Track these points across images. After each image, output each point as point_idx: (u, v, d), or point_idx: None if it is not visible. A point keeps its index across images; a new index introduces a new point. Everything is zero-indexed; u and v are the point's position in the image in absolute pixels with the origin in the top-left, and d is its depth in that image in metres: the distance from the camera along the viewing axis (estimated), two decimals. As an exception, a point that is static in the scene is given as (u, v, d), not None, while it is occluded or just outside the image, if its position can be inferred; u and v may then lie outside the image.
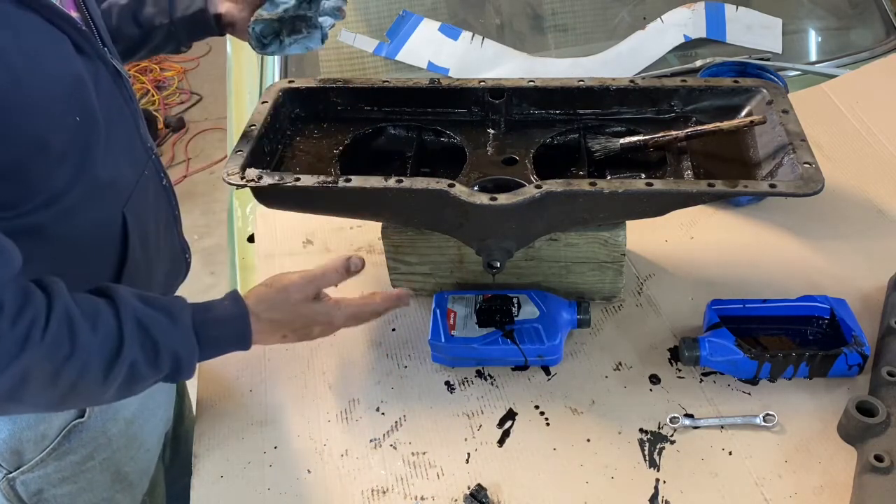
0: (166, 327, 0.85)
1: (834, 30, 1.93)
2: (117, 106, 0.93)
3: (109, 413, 1.05)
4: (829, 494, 0.95)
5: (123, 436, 1.08)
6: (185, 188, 3.53)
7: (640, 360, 1.14)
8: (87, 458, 1.05)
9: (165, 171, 1.06)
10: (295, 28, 1.17)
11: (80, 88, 0.83)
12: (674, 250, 1.33)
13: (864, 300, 1.19)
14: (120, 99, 0.93)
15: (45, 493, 1.05)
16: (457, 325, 1.14)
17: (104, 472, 1.08)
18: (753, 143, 1.13)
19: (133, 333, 0.81)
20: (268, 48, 1.17)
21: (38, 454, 1.01)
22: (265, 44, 1.16)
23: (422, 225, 1.15)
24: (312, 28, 1.17)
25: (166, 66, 4.41)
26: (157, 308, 0.85)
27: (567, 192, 1.01)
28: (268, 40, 1.16)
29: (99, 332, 0.79)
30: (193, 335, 0.87)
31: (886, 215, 1.37)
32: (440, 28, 1.78)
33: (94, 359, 0.79)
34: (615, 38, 1.80)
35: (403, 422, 1.09)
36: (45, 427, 1.00)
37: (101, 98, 0.87)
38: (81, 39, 0.84)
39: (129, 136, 0.97)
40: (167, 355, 0.85)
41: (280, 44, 1.17)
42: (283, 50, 1.17)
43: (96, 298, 0.82)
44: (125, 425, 1.08)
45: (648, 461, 1.01)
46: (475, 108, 1.23)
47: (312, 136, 1.23)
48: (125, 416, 1.07)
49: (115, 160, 0.91)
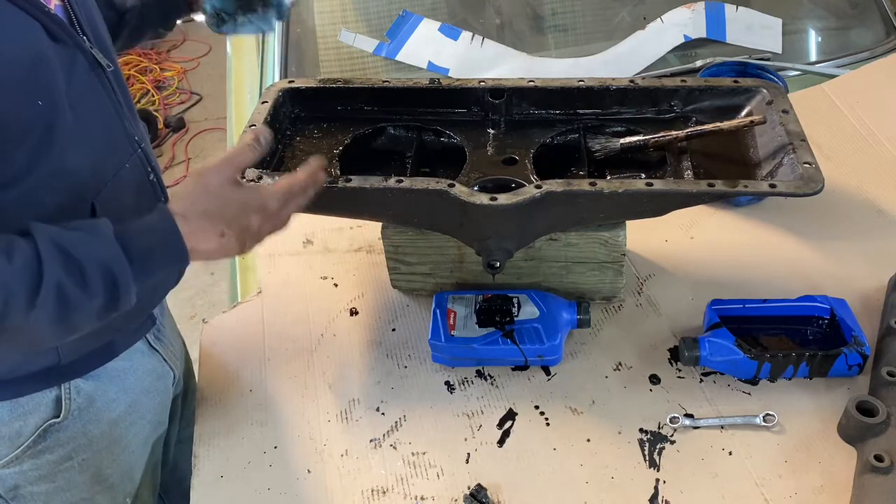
0: (86, 241, 0.79)
1: (834, 30, 1.93)
2: (94, 95, 0.92)
3: (91, 414, 1.04)
4: (829, 494, 0.95)
5: (106, 437, 1.07)
6: (185, 188, 3.52)
7: (640, 360, 1.14)
8: (65, 458, 1.04)
9: (155, 166, 1.04)
10: (251, 5, 1.12)
11: (44, 73, 0.82)
12: (674, 250, 1.33)
13: (864, 300, 1.19)
14: (99, 88, 0.92)
15: (21, 489, 1.04)
16: (457, 325, 1.14)
17: (83, 473, 1.07)
18: (753, 143, 1.13)
19: (51, 254, 0.77)
20: (223, 26, 1.13)
21: (13, 451, 1.00)
22: (223, 20, 1.12)
23: (422, 225, 1.15)
24: (268, 7, 1.13)
25: (166, 66, 4.41)
26: (74, 228, 0.81)
27: (567, 192, 1.01)
28: (227, 17, 1.12)
29: (15, 261, 0.76)
30: (118, 246, 0.81)
31: (886, 215, 1.37)
32: (440, 28, 1.78)
33: (16, 289, 0.75)
34: (615, 38, 1.80)
35: (403, 422, 1.09)
36: (21, 425, 0.99)
37: (74, 85, 0.87)
38: (55, 27, 0.84)
39: (108, 127, 0.95)
40: (94, 272, 0.79)
41: (234, 22, 1.13)
42: (236, 29, 1.13)
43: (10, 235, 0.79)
44: (108, 427, 1.06)
45: (648, 461, 1.01)
46: (475, 108, 1.23)
47: (312, 136, 1.23)
48: (110, 417, 1.06)
49: (85, 149, 0.90)
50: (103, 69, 0.92)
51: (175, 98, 4.21)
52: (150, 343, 1.11)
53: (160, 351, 1.13)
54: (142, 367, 1.10)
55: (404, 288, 1.29)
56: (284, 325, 1.26)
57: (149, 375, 1.11)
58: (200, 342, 1.27)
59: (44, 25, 0.83)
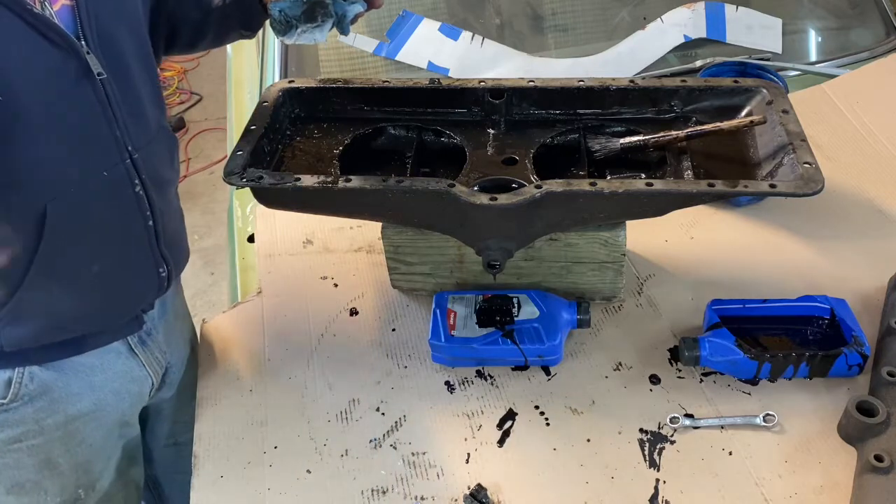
0: None
1: (834, 30, 1.93)
2: (80, 99, 0.91)
3: (44, 402, 1.04)
4: (829, 494, 0.95)
5: (60, 428, 1.07)
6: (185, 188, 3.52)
7: (640, 360, 1.14)
8: (13, 439, 1.05)
9: (146, 179, 1.00)
10: (313, 15, 1.11)
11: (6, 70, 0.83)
12: (674, 250, 1.33)
13: (864, 300, 1.19)
14: (89, 93, 0.92)
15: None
16: (457, 325, 1.14)
17: (32, 457, 1.07)
18: (753, 143, 1.13)
19: None
20: (288, 32, 1.11)
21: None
22: (291, 26, 1.11)
23: (422, 225, 1.15)
24: (326, 17, 1.11)
25: (166, 66, 4.41)
26: None
27: (567, 192, 1.01)
28: (294, 24, 1.11)
29: None
30: None
31: (886, 215, 1.37)
32: (440, 28, 1.78)
33: None
34: (615, 38, 1.81)
35: (403, 422, 1.09)
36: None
37: (57, 88, 0.88)
38: (47, 30, 0.85)
39: (88, 132, 0.94)
40: None
41: (296, 29, 1.12)
42: (296, 37, 1.12)
43: None
44: (65, 419, 1.07)
45: (648, 461, 1.01)
46: (475, 108, 1.23)
47: (312, 136, 1.23)
48: (68, 411, 1.06)
49: (48, 150, 0.89)
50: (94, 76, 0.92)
51: (175, 98, 4.21)
52: (130, 346, 1.10)
53: (140, 356, 1.12)
54: (114, 367, 1.09)
55: (404, 288, 1.29)
56: (284, 325, 1.26)
57: (121, 377, 1.11)
58: (200, 342, 1.27)
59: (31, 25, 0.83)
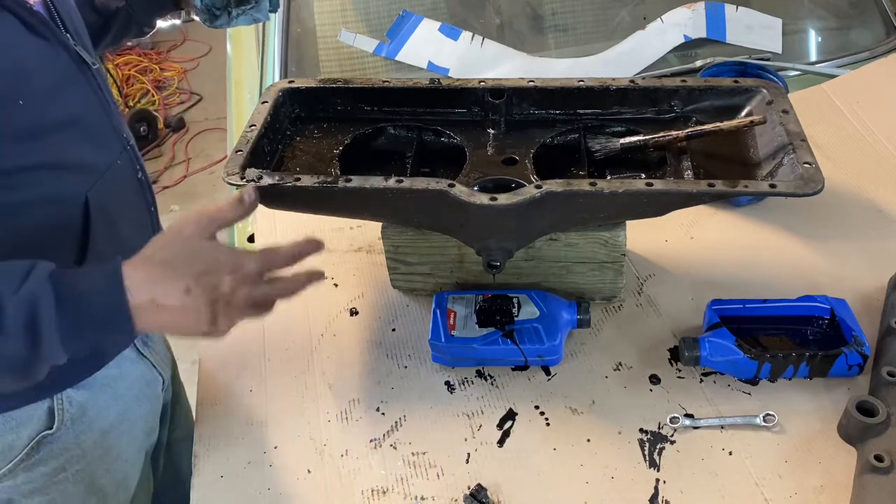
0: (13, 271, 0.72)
1: (834, 30, 1.93)
2: (82, 92, 0.92)
3: (84, 424, 1.03)
4: (829, 494, 0.95)
5: (99, 447, 1.06)
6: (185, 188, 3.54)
7: (640, 360, 1.14)
8: (58, 469, 1.03)
9: (143, 165, 1.04)
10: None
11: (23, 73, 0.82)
12: (674, 250, 1.33)
13: (864, 300, 1.19)
14: (85, 85, 0.93)
15: (15, 503, 1.04)
16: (457, 325, 1.14)
17: (77, 484, 1.05)
18: (753, 143, 1.13)
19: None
20: (217, 20, 1.12)
21: (6, 465, 0.99)
22: (216, 15, 1.11)
23: (422, 225, 1.15)
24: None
25: (166, 66, 4.42)
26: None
27: (567, 192, 1.01)
28: (219, 12, 1.11)
29: None
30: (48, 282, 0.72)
31: (886, 215, 1.37)
32: (440, 28, 1.78)
33: None
34: (615, 38, 1.81)
35: (403, 422, 1.09)
36: (13, 438, 0.98)
37: (60, 82, 0.87)
38: (36, 22, 0.84)
39: (97, 124, 0.95)
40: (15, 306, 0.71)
41: (228, 16, 1.11)
42: (231, 22, 1.12)
43: None
44: (101, 436, 1.06)
45: (648, 461, 1.01)
46: (475, 108, 1.23)
47: (312, 136, 1.23)
48: (101, 426, 1.05)
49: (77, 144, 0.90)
50: (88, 66, 0.92)
51: (175, 98, 4.22)
52: (138, 350, 1.11)
53: (149, 357, 1.13)
54: (132, 374, 1.09)
55: (404, 288, 1.29)
56: (284, 325, 1.26)
57: (138, 382, 1.11)
58: (200, 342, 1.27)
59: (22, 20, 0.83)
